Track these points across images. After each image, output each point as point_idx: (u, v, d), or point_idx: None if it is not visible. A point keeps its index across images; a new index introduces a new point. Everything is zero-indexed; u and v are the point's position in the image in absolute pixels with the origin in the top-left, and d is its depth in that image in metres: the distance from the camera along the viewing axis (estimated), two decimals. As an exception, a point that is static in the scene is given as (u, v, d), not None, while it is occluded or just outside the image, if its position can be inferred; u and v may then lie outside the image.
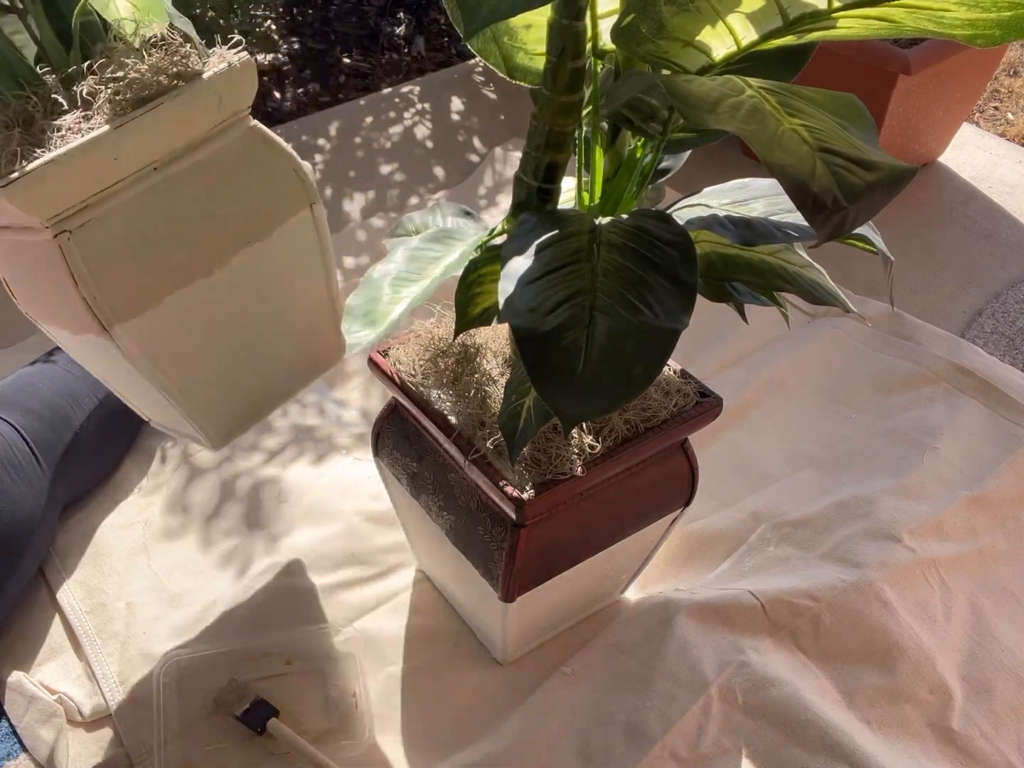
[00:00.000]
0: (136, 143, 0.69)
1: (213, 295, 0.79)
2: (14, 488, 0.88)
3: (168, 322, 0.77)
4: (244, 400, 0.88)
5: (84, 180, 0.68)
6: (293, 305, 0.86)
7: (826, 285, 0.65)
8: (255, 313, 0.84)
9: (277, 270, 0.83)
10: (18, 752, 0.83)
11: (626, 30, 0.52)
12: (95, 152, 0.67)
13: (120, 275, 0.72)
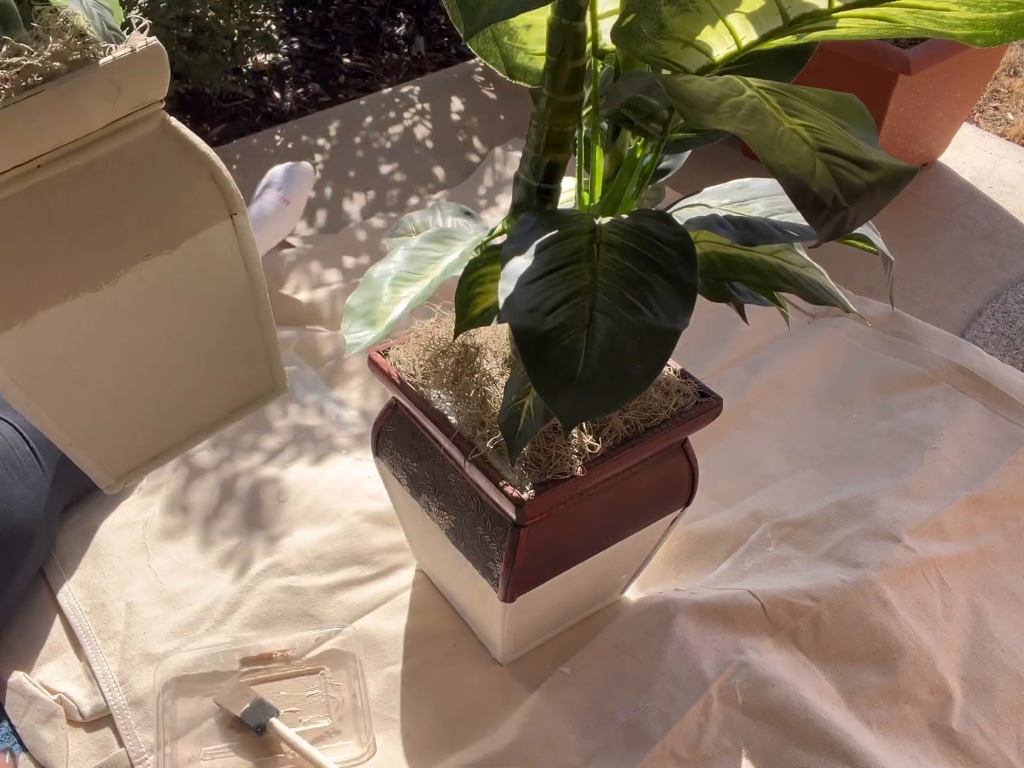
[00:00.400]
0: (11, 136, 0.60)
1: (101, 313, 0.69)
2: (15, 489, 0.88)
3: (42, 341, 0.67)
4: (144, 436, 0.78)
5: None
6: (208, 330, 0.77)
7: (826, 285, 0.65)
8: (158, 336, 0.74)
9: (186, 288, 0.73)
10: (18, 752, 0.83)
11: (626, 30, 0.52)
12: None
13: None
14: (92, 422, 0.74)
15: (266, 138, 1.67)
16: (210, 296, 0.75)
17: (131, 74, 0.63)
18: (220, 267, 0.74)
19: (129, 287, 0.69)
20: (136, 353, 0.73)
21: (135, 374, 0.74)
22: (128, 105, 0.64)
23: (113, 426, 0.75)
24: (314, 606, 0.93)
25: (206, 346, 0.77)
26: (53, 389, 0.70)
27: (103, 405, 0.73)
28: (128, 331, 0.72)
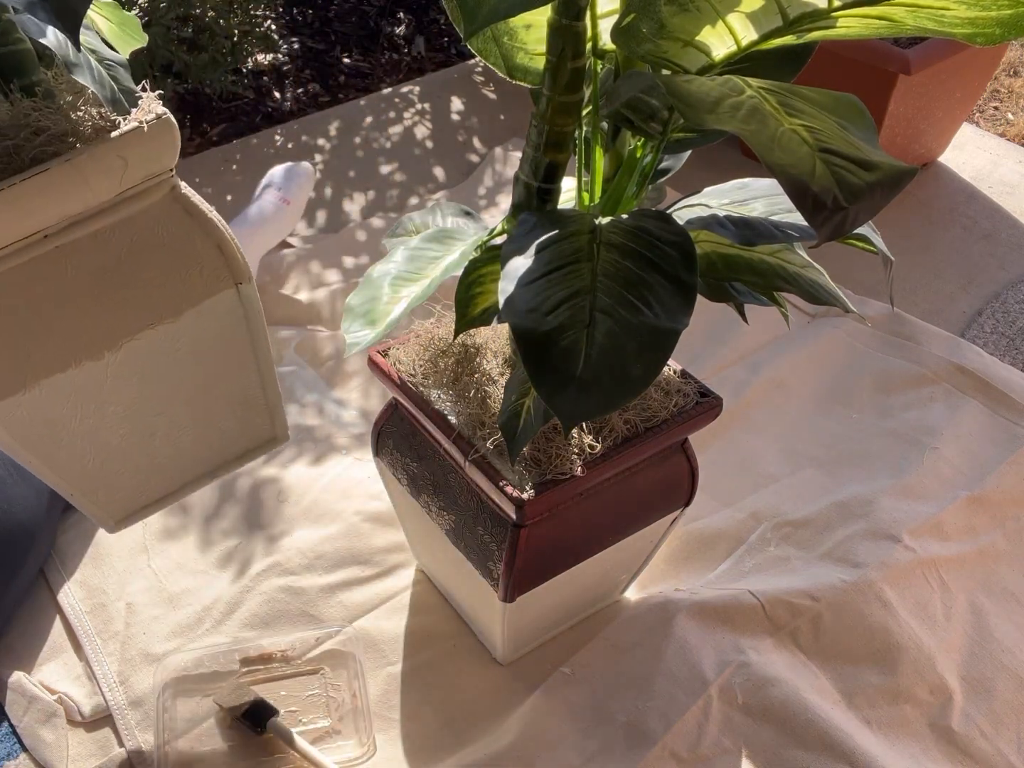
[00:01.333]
0: (15, 211, 0.60)
1: (104, 379, 0.70)
2: (15, 488, 0.88)
3: (45, 406, 0.68)
4: (144, 483, 0.79)
5: None
6: (209, 390, 0.78)
7: (826, 285, 0.65)
8: (159, 401, 0.75)
9: (188, 354, 0.74)
10: (18, 752, 0.83)
11: (626, 30, 0.52)
12: None
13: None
14: (93, 474, 0.74)
15: (266, 138, 1.67)
16: (211, 360, 0.75)
17: (139, 149, 0.63)
18: (223, 333, 0.74)
19: (131, 354, 0.70)
20: (136, 412, 0.74)
21: (135, 431, 0.74)
22: (135, 178, 0.64)
23: (114, 476, 0.76)
24: (314, 606, 0.93)
25: (207, 403, 0.78)
26: (55, 447, 0.71)
27: (104, 458, 0.74)
28: (129, 393, 0.72)
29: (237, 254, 0.71)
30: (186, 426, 0.78)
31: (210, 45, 1.60)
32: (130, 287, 0.67)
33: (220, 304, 0.72)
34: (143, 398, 0.73)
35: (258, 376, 0.79)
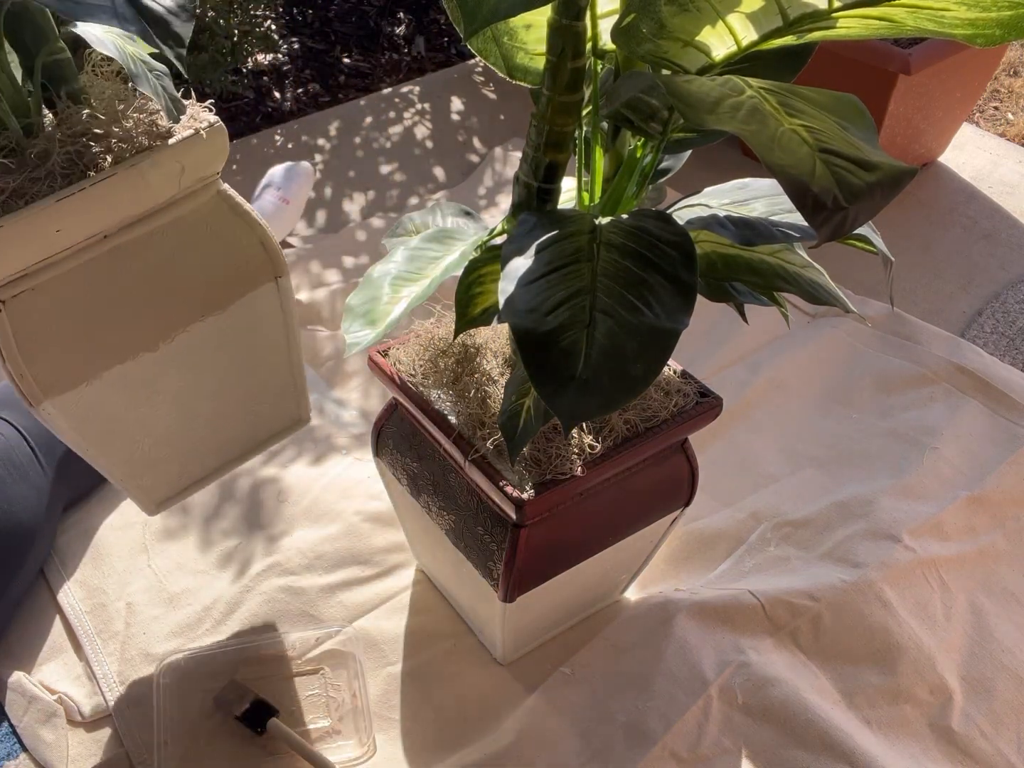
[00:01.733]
0: (83, 214, 0.63)
1: (157, 370, 0.73)
2: (16, 488, 0.88)
3: (104, 397, 0.71)
4: (184, 467, 0.83)
5: (20, 251, 0.62)
6: (249, 376, 0.81)
7: (826, 285, 0.65)
8: (205, 387, 0.78)
9: (232, 343, 0.78)
10: (18, 752, 0.83)
11: (626, 30, 0.52)
12: (33, 224, 0.61)
13: (53, 351, 0.67)
14: (142, 459, 0.78)
15: (266, 138, 1.67)
16: (251, 348, 0.80)
17: (195, 154, 0.67)
18: (262, 324, 0.79)
19: (182, 345, 0.74)
20: (184, 399, 0.78)
21: (181, 417, 0.78)
22: (190, 181, 0.69)
23: (159, 461, 0.80)
24: (314, 606, 0.93)
25: (244, 390, 0.82)
26: (110, 436, 0.75)
27: (152, 444, 0.78)
28: (177, 382, 0.77)
29: (277, 249, 0.76)
30: (226, 411, 0.82)
31: (210, 45, 1.60)
32: (182, 283, 0.71)
33: (261, 296, 0.77)
34: (190, 386, 0.77)
35: (289, 362, 0.84)
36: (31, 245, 0.62)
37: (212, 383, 0.79)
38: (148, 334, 0.72)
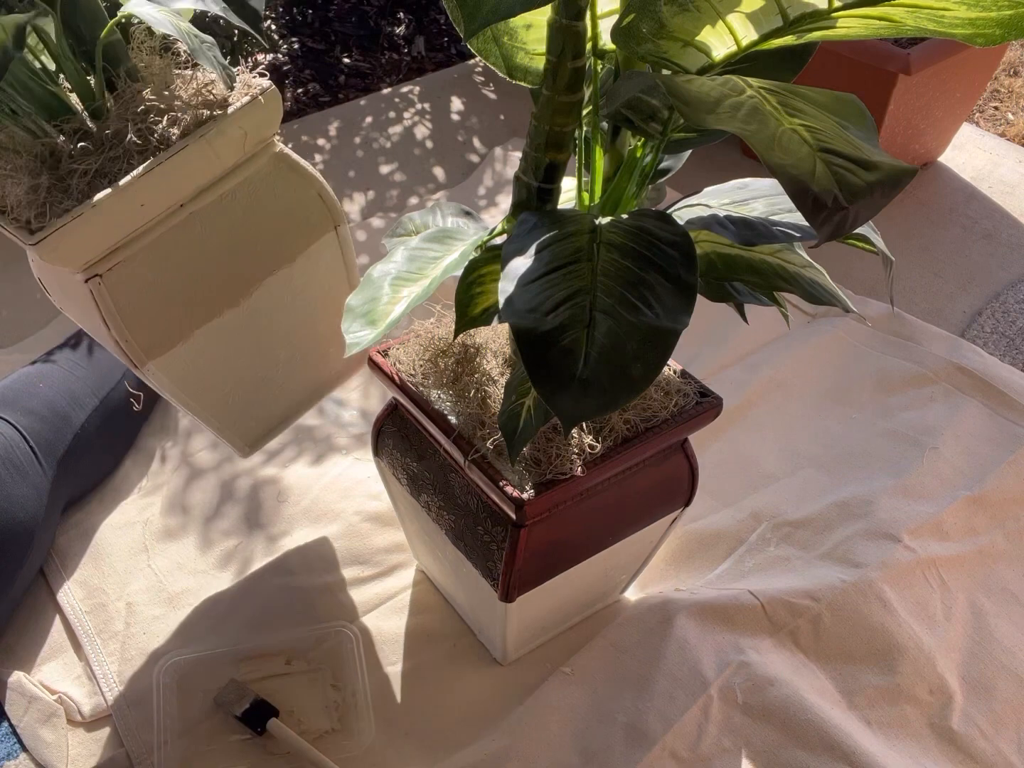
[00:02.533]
0: (162, 187, 0.69)
1: (240, 324, 0.80)
2: (15, 488, 0.88)
3: (198, 353, 0.78)
4: (269, 411, 0.89)
5: (111, 228, 0.68)
6: (316, 323, 0.87)
7: (826, 285, 0.65)
8: (281, 335, 0.85)
9: (301, 293, 0.83)
10: (18, 752, 0.83)
11: (626, 30, 0.52)
12: (121, 201, 0.66)
13: (151, 315, 0.73)
14: (233, 407, 0.85)
15: (266, 138, 1.67)
16: (318, 296, 0.86)
17: (255, 118, 0.72)
18: (327, 270, 0.85)
19: (259, 299, 0.80)
20: (264, 348, 0.85)
21: (263, 364, 0.86)
22: (252, 144, 0.74)
23: (248, 407, 0.87)
24: (314, 606, 0.93)
25: (314, 335, 0.89)
26: (205, 388, 0.81)
27: (241, 392, 0.85)
28: (257, 333, 0.83)
29: (334, 199, 0.82)
30: (301, 355, 0.88)
31: (210, 45, 1.59)
32: (253, 241, 0.77)
33: (324, 246, 0.83)
34: (268, 336, 0.84)
35: None
36: (120, 220, 0.67)
37: (286, 331, 0.85)
38: (229, 292, 0.77)
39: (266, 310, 0.81)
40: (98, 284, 0.69)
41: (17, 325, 1.29)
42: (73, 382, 1.02)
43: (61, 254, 0.66)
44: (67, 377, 1.02)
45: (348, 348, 0.66)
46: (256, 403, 0.87)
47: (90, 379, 1.03)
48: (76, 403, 1.00)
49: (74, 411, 0.99)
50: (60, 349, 1.07)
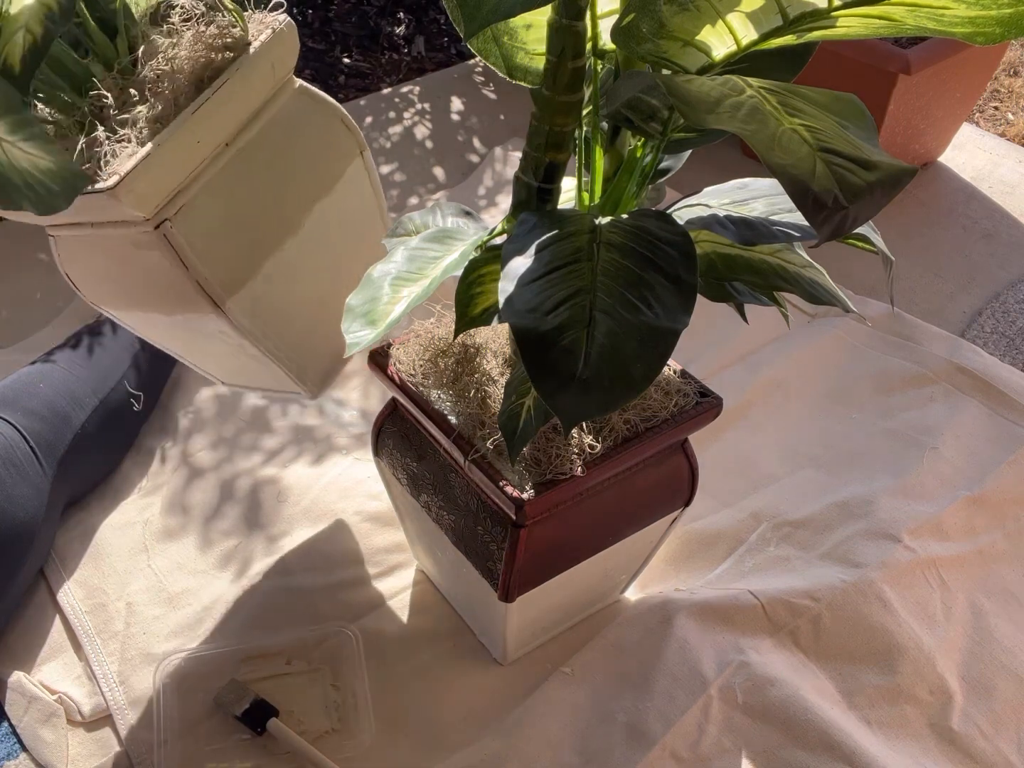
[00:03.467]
0: (211, 123, 0.72)
1: (299, 254, 0.83)
2: (15, 488, 0.88)
3: (268, 287, 0.81)
4: (330, 348, 0.90)
5: (175, 168, 0.71)
6: (358, 248, 0.90)
7: (826, 285, 0.65)
8: (330, 263, 0.88)
9: (343, 219, 0.87)
10: (18, 752, 0.83)
11: (626, 30, 0.52)
12: (181, 139, 0.70)
13: (221, 252, 0.75)
14: (301, 341, 0.87)
15: (266, 138, 1.67)
16: (356, 221, 0.90)
17: (277, 51, 0.76)
18: (360, 196, 0.90)
19: (309, 229, 0.84)
20: (317, 280, 0.87)
21: (318, 297, 0.87)
22: (279, 78, 0.78)
23: (312, 341, 0.89)
24: (314, 606, 0.93)
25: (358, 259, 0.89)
26: (278, 323, 0.84)
27: (303, 328, 0.87)
28: (313, 264, 0.86)
29: (355, 126, 0.87)
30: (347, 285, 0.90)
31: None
32: (293, 172, 0.82)
33: (354, 172, 0.87)
34: (320, 266, 0.87)
35: (383, 226, 0.94)
36: (181, 159, 0.71)
37: (333, 260, 0.88)
38: (284, 224, 0.81)
39: (318, 239, 0.84)
40: (169, 227, 0.71)
41: (17, 325, 1.29)
42: (73, 382, 1.02)
43: (136, 196, 0.68)
44: (67, 377, 1.02)
45: (348, 348, 0.66)
46: (319, 335, 0.88)
47: (90, 379, 1.03)
48: (76, 403, 1.00)
49: (74, 411, 0.99)
50: (60, 349, 1.07)
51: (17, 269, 1.38)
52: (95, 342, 1.08)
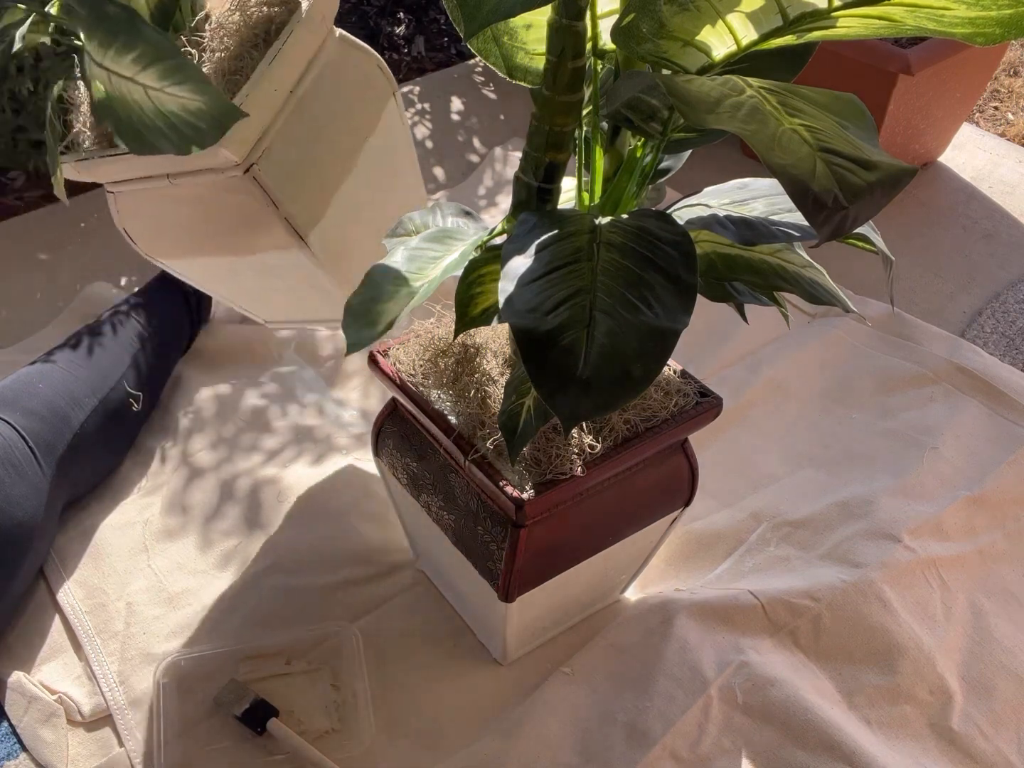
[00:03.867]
0: (282, 72, 0.80)
1: (355, 190, 0.89)
2: (14, 488, 0.88)
3: (335, 221, 0.87)
4: None
5: (258, 116, 0.78)
6: (395, 184, 0.98)
7: (826, 285, 0.65)
8: (377, 198, 0.95)
9: (384, 156, 0.93)
10: (18, 752, 0.83)
11: (626, 29, 0.52)
12: (263, 88, 0.78)
13: (301, 191, 0.83)
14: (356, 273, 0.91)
15: (266, 138, 1.67)
16: (394, 158, 0.96)
17: (326, 3, 0.84)
18: (395, 135, 0.96)
19: (361, 166, 0.90)
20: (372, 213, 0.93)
21: (371, 229, 0.90)
22: (326, 27, 0.85)
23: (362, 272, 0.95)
24: (314, 606, 0.93)
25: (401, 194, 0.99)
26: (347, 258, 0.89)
27: (359, 257, 0.90)
28: (364, 198, 0.92)
29: (387, 69, 0.94)
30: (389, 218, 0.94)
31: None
32: (346, 114, 0.89)
33: (390, 111, 0.94)
34: (374, 201, 0.93)
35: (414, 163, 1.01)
36: (262, 108, 0.78)
37: (382, 195, 0.95)
38: (343, 162, 0.88)
39: (367, 175, 0.90)
40: (257, 170, 0.79)
41: (17, 325, 1.29)
42: (72, 382, 1.02)
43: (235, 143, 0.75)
44: (66, 377, 1.02)
45: (348, 348, 0.66)
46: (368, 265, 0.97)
47: (89, 379, 1.03)
48: (75, 403, 1.00)
49: (73, 411, 0.99)
50: (60, 349, 1.07)
51: (17, 269, 1.38)
52: (95, 342, 1.08)
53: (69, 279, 1.37)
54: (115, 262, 1.39)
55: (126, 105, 0.66)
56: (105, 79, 0.66)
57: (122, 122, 0.66)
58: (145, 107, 0.65)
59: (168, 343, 1.17)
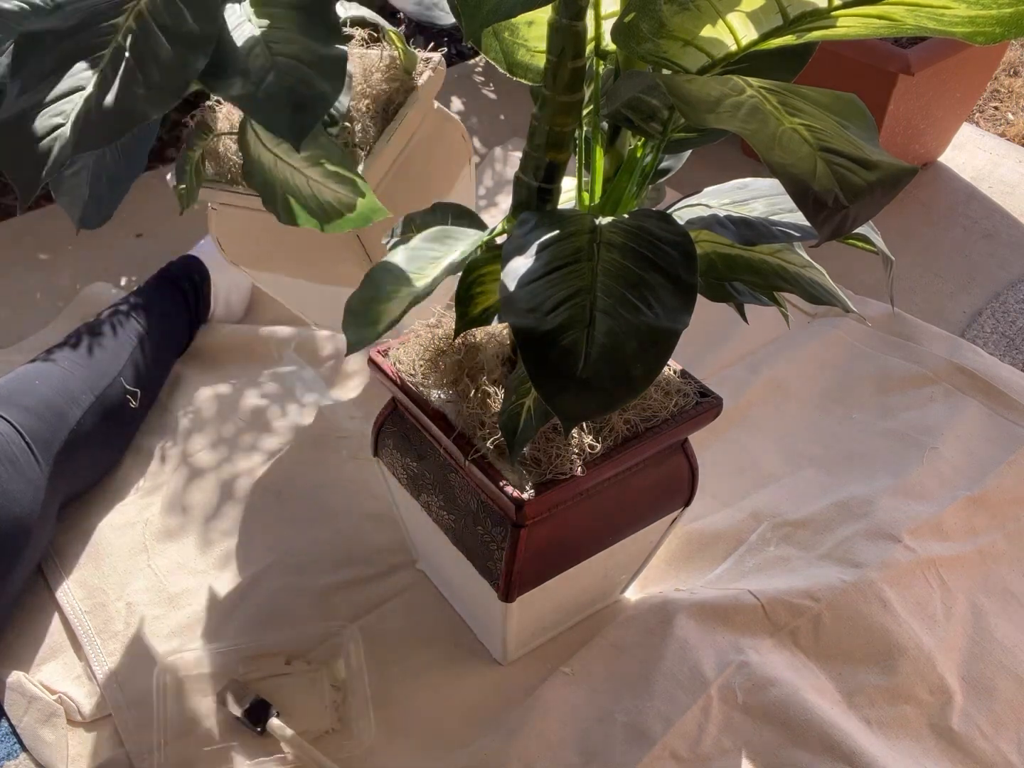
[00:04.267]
0: (394, 147, 0.93)
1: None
2: (11, 484, 0.88)
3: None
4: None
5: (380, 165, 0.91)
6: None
7: (826, 285, 0.65)
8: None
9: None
10: (18, 752, 0.83)
11: (626, 29, 0.52)
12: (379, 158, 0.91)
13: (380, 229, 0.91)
14: None
15: (266, 138, 1.67)
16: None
17: (436, 85, 0.98)
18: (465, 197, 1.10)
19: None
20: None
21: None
22: (432, 106, 1.00)
23: None
24: (314, 606, 0.93)
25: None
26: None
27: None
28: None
29: (468, 138, 1.09)
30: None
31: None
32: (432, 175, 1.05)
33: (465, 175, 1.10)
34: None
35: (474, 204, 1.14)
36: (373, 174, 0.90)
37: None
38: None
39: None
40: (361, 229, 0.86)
41: (17, 325, 1.29)
42: (70, 380, 1.02)
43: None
44: (64, 375, 1.02)
45: (348, 348, 0.66)
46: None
47: (87, 377, 1.03)
48: (72, 400, 1.00)
49: (70, 408, 0.99)
50: (58, 348, 1.07)
51: (17, 269, 1.38)
52: (93, 341, 1.08)
53: (69, 279, 1.36)
54: (115, 262, 1.39)
55: (285, 184, 0.74)
56: (271, 161, 0.74)
57: (276, 195, 0.74)
58: (303, 191, 0.74)
59: (167, 342, 1.17)
